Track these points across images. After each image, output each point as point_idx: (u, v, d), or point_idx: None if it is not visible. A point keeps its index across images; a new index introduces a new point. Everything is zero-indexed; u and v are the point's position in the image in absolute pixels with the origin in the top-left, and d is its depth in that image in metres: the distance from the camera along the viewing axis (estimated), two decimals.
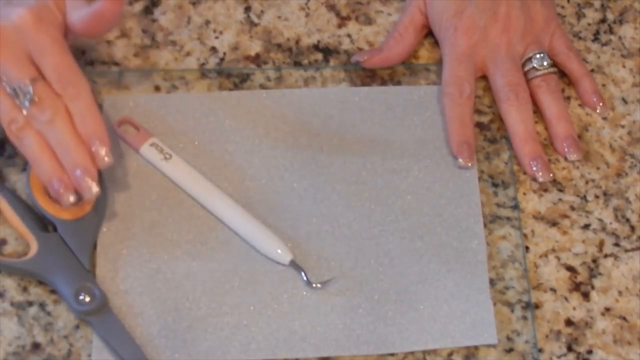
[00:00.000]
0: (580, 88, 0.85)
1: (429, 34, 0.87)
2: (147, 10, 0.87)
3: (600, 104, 0.84)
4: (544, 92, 0.83)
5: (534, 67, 0.83)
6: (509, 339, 0.76)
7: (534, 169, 0.81)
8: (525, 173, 0.82)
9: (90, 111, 0.73)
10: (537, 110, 0.83)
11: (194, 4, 0.87)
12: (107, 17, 0.74)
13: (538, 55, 0.83)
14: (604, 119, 0.85)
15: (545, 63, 0.83)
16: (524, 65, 0.84)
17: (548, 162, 0.81)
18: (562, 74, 0.86)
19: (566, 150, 0.82)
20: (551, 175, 0.81)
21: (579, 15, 0.89)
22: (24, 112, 0.72)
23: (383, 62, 0.85)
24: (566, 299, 0.77)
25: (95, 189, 0.73)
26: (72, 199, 0.74)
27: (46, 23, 0.73)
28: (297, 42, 0.86)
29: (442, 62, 0.85)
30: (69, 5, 0.75)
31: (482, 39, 0.83)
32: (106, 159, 0.74)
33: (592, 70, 0.87)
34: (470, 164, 0.81)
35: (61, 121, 0.72)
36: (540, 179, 0.81)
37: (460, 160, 0.80)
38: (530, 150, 0.81)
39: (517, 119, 0.82)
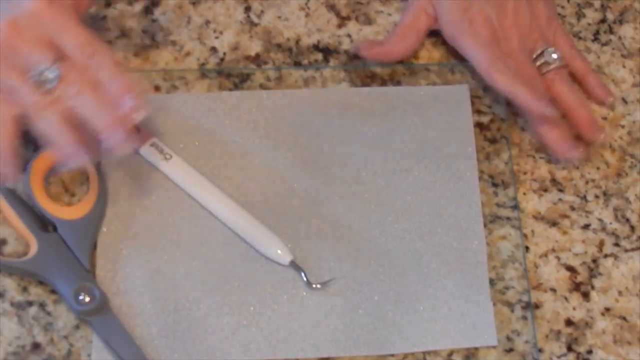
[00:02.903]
0: (588, 84, 0.84)
1: (429, 34, 0.87)
2: (147, 10, 0.87)
3: (610, 97, 0.84)
4: (559, 84, 0.83)
5: (546, 62, 0.83)
6: (509, 339, 0.76)
7: (563, 151, 0.81)
8: (525, 173, 0.82)
9: (118, 73, 0.73)
10: (555, 102, 0.83)
11: (194, 4, 0.87)
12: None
13: (549, 50, 0.83)
14: (604, 119, 0.85)
15: (555, 56, 0.83)
16: (535, 60, 0.83)
17: (574, 139, 0.81)
18: None
19: (593, 133, 0.82)
20: (577, 152, 0.81)
21: (579, 15, 0.89)
22: (53, 93, 0.72)
23: (383, 55, 0.85)
24: (566, 299, 0.77)
25: (128, 148, 0.72)
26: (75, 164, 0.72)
27: (58, 4, 0.73)
28: (297, 42, 0.86)
29: (441, 62, 0.85)
30: None
31: (499, 31, 0.83)
32: (141, 111, 0.72)
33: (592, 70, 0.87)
34: (553, 112, 0.80)
35: (89, 90, 0.72)
36: (573, 155, 0.81)
37: (547, 112, 0.80)
38: (556, 132, 0.81)
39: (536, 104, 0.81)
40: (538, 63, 0.83)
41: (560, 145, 0.81)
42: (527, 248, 0.79)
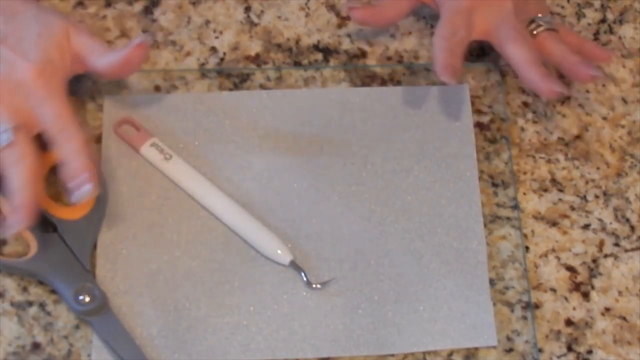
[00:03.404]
0: (586, 51, 0.83)
1: (429, 35, 0.87)
2: (147, 10, 0.87)
3: (612, 54, 0.83)
4: (552, 42, 0.82)
5: (538, 24, 0.82)
6: (509, 339, 0.76)
7: (548, 85, 0.79)
8: (525, 173, 0.82)
9: (79, 153, 0.74)
10: (548, 61, 0.82)
11: (194, 4, 0.87)
12: (135, 62, 0.78)
13: (539, 16, 0.83)
14: (604, 119, 0.85)
15: (546, 19, 0.83)
16: (527, 27, 0.83)
17: (558, 77, 0.80)
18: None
19: (588, 72, 0.80)
20: (565, 89, 0.80)
21: (579, 15, 0.89)
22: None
23: (373, 18, 0.84)
24: (566, 299, 0.77)
25: (13, 232, 0.73)
26: None
27: (47, 76, 0.75)
28: (297, 42, 0.86)
29: None
30: (91, 52, 0.78)
31: (485, 1, 0.83)
32: (89, 192, 0.74)
33: None
34: (453, 81, 0.79)
35: (24, 164, 0.73)
36: (558, 90, 0.79)
37: (443, 78, 0.79)
38: (540, 70, 0.80)
39: (526, 50, 0.80)
40: (531, 27, 0.82)
41: (543, 83, 0.80)
42: (527, 248, 0.79)
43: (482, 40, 0.84)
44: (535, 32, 0.83)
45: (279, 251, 0.76)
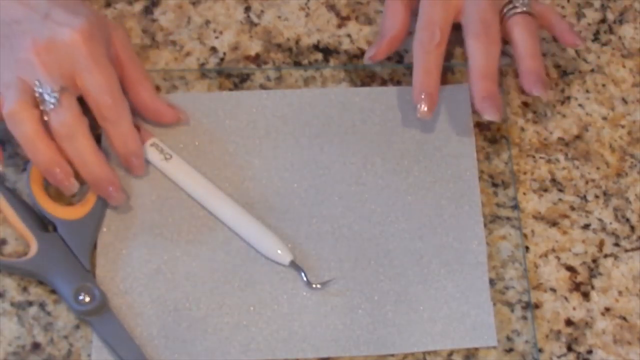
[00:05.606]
0: (557, 30, 0.84)
1: None
2: (147, 10, 0.87)
3: (578, 41, 0.83)
4: (521, 30, 0.82)
5: (514, 6, 0.82)
6: (509, 339, 0.76)
7: (484, 105, 0.79)
8: (525, 173, 0.82)
9: (131, 133, 0.77)
10: (511, 49, 0.82)
11: (194, 4, 0.87)
12: (162, 117, 0.81)
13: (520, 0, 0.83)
14: (604, 119, 0.85)
15: (526, 1, 0.82)
16: (503, 9, 0.82)
17: (500, 103, 0.80)
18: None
19: (530, 85, 0.80)
20: (499, 115, 0.79)
21: (579, 15, 0.89)
22: (48, 114, 0.74)
23: (392, 44, 0.83)
24: (566, 299, 0.77)
25: (121, 199, 0.77)
26: (75, 187, 0.76)
27: (94, 42, 0.76)
28: (297, 42, 0.86)
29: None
30: (129, 70, 0.80)
31: None
32: (140, 172, 0.78)
33: (592, 70, 0.87)
34: (428, 116, 0.80)
35: (82, 138, 0.75)
36: (488, 118, 0.79)
37: (419, 108, 0.79)
38: (486, 87, 0.80)
39: (482, 54, 0.80)
40: (505, 10, 0.82)
41: (479, 103, 0.80)
42: (527, 248, 0.79)
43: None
44: (509, 14, 0.82)
45: (279, 251, 0.76)
